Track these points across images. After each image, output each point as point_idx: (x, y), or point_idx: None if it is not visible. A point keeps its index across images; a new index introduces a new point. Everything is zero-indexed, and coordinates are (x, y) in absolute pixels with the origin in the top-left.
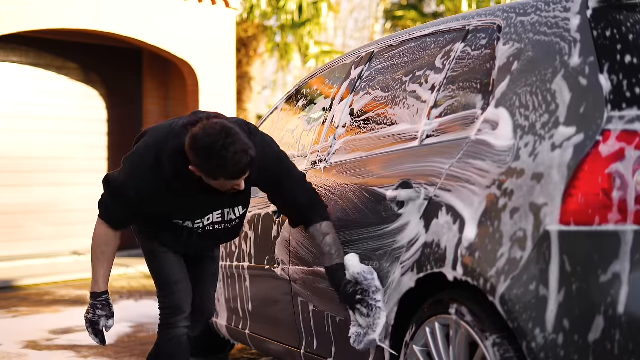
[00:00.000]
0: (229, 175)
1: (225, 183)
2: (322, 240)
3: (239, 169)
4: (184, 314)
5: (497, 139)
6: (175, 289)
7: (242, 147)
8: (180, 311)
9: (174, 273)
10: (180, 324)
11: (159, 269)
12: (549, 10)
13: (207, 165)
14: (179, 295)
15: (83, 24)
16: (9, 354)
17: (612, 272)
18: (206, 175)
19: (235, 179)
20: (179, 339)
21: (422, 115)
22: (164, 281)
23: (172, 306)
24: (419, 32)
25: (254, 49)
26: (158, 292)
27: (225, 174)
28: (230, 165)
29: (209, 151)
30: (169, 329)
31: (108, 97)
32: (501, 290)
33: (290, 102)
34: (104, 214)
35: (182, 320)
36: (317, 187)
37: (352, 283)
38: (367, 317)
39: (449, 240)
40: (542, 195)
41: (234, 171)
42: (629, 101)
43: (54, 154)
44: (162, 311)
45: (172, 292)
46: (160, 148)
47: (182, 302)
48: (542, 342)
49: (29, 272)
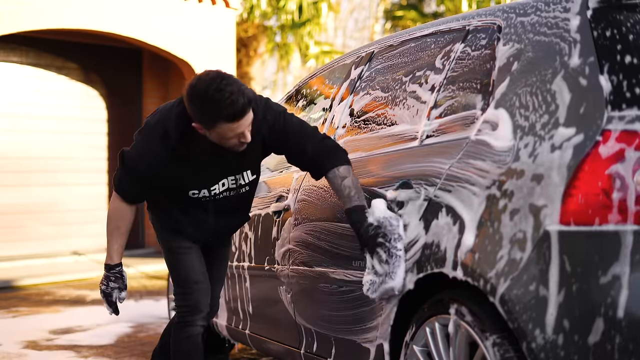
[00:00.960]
0: (227, 117)
1: (227, 131)
2: (340, 183)
3: (236, 110)
4: (202, 313)
5: (496, 139)
6: (195, 288)
7: (238, 88)
8: (198, 310)
9: (196, 272)
10: (197, 323)
11: (179, 266)
12: (548, 11)
13: (204, 111)
14: (197, 294)
15: (83, 24)
16: (9, 354)
17: (612, 272)
18: (206, 124)
19: (234, 120)
20: (196, 338)
21: (422, 115)
22: (185, 279)
23: (190, 305)
24: (419, 32)
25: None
26: (177, 289)
27: (222, 117)
28: (226, 106)
29: (204, 95)
30: (186, 327)
31: (108, 97)
32: (501, 291)
33: (290, 102)
34: (119, 188)
35: (200, 319)
36: (316, 187)
37: (373, 226)
38: (386, 264)
39: (449, 240)
40: (542, 195)
41: (231, 112)
42: (629, 101)
43: (54, 154)
44: (180, 309)
45: (191, 291)
46: (166, 118)
47: (202, 301)
48: (542, 343)
49: (29, 272)
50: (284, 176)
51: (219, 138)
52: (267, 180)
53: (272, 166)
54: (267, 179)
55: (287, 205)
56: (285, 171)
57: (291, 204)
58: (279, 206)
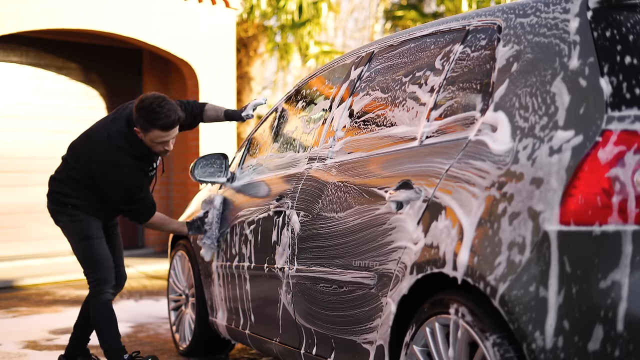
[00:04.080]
0: (161, 125)
1: (157, 137)
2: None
3: (169, 122)
4: (111, 284)
5: (495, 141)
6: (103, 267)
7: (173, 107)
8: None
9: (108, 255)
10: (109, 291)
11: (93, 251)
12: (548, 12)
13: (144, 117)
14: (108, 269)
15: (83, 24)
16: (9, 354)
17: (613, 273)
18: (143, 127)
19: (167, 129)
20: (110, 303)
21: (421, 116)
22: (97, 261)
23: (101, 278)
24: (419, 32)
25: (254, 49)
26: (88, 270)
27: (158, 124)
28: (163, 117)
29: (148, 107)
30: (99, 294)
31: (108, 97)
32: (501, 291)
33: (290, 102)
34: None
35: (110, 288)
36: (316, 188)
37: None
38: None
39: (449, 241)
40: (542, 195)
41: (166, 122)
42: (629, 102)
43: (54, 154)
44: (93, 283)
45: (103, 269)
46: (111, 140)
47: (111, 275)
48: (542, 344)
49: (29, 272)
50: (284, 176)
51: (150, 141)
52: (267, 180)
53: (272, 166)
54: (267, 179)
55: (287, 205)
56: (285, 171)
57: (291, 204)
58: (279, 206)
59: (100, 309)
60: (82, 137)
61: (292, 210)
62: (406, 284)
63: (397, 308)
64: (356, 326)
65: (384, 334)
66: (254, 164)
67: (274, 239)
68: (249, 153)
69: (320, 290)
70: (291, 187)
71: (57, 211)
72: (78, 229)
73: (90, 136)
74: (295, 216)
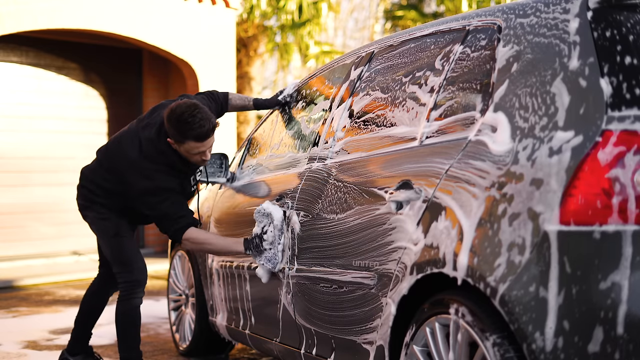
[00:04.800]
0: (195, 135)
1: (193, 147)
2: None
3: (204, 131)
4: (143, 286)
5: (495, 142)
6: (137, 267)
7: (206, 116)
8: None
9: (139, 254)
10: (140, 295)
11: (124, 249)
12: (548, 12)
13: (177, 128)
14: (141, 271)
15: (83, 24)
16: (9, 354)
17: (613, 273)
18: (177, 138)
19: (201, 140)
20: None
21: (421, 116)
22: (129, 260)
23: (133, 280)
24: (419, 32)
25: (254, 49)
26: (119, 269)
27: (192, 135)
28: (196, 127)
29: (180, 118)
30: (130, 299)
31: (108, 97)
32: (501, 291)
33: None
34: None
35: (141, 291)
36: (316, 188)
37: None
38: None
39: (449, 241)
40: (542, 196)
41: (200, 132)
42: (629, 102)
43: (54, 154)
44: (124, 285)
45: (136, 269)
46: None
47: (144, 278)
48: (542, 344)
49: (29, 272)
50: (284, 176)
51: (186, 152)
52: (267, 180)
53: (272, 167)
54: (267, 179)
55: (287, 205)
56: (286, 171)
57: (291, 204)
58: (279, 206)
59: (130, 314)
60: (113, 140)
61: (292, 210)
62: (406, 284)
63: (397, 308)
64: (356, 326)
65: (384, 334)
66: (254, 164)
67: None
68: (249, 153)
69: (320, 290)
70: (291, 187)
71: (85, 206)
72: (107, 226)
73: (120, 142)
74: (295, 216)
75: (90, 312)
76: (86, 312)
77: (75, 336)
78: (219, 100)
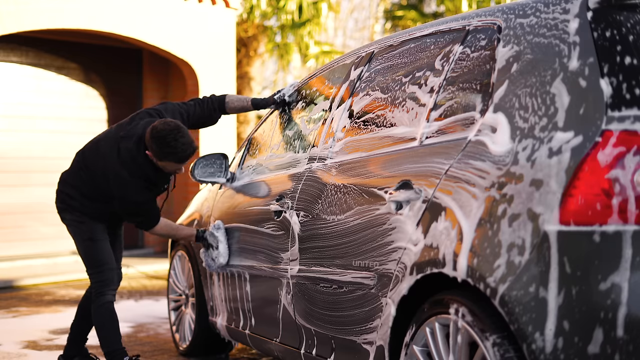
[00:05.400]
0: (176, 159)
1: (171, 166)
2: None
3: (185, 156)
4: (114, 285)
5: (495, 142)
6: (107, 267)
7: (188, 140)
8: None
9: (111, 255)
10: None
11: (96, 251)
12: (548, 12)
13: (159, 148)
14: (111, 271)
15: (83, 24)
16: (9, 354)
17: (613, 273)
18: (157, 157)
19: (182, 162)
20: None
21: (421, 116)
22: (101, 261)
23: (104, 279)
24: (419, 32)
25: (254, 49)
26: (90, 269)
27: (173, 158)
28: (179, 152)
29: (163, 139)
30: (101, 296)
31: (108, 97)
32: (501, 292)
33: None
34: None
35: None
36: (316, 188)
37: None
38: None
39: (449, 241)
40: (542, 196)
41: (182, 156)
42: (629, 102)
43: (54, 154)
44: (95, 284)
45: (106, 269)
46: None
47: (114, 277)
48: (542, 345)
49: (29, 272)
50: (284, 176)
51: (163, 166)
52: (267, 180)
53: (272, 166)
54: (267, 179)
55: (287, 205)
56: (285, 171)
57: (291, 204)
58: (279, 206)
59: (102, 310)
60: (91, 145)
61: (292, 210)
62: (406, 285)
63: (397, 308)
64: (356, 326)
65: (384, 334)
66: (254, 164)
67: (274, 238)
68: (249, 153)
69: (320, 290)
70: (291, 187)
71: (63, 209)
72: (82, 230)
73: (98, 147)
74: (295, 216)
75: (86, 316)
76: (82, 316)
77: (71, 339)
78: (211, 105)
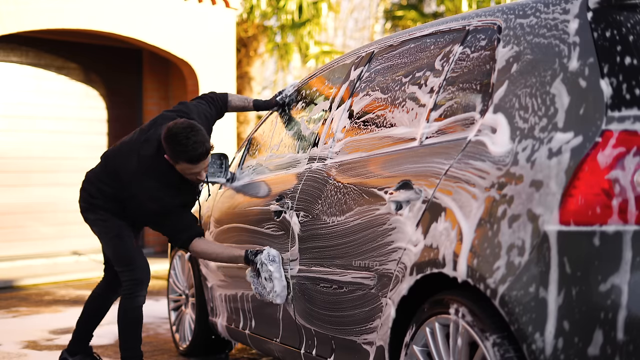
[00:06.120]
0: (188, 158)
1: (186, 168)
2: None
3: (196, 155)
4: (147, 285)
5: (495, 143)
6: (138, 266)
7: (201, 139)
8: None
9: (141, 253)
10: (143, 294)
11: (126, 249)
12: (548, 12)
13: (171, 148)
14: (143, 269)
15: (83, 24)
16: (9, 354)
17: (613, 273)
18: (171, 157)
19: (194, 162)
20: (141, 309)
21: (421, 116)
22: (132, 258)
23: (136, 278)
24: (419, 32)
25: (254, 49)
26: (121, 268)
27: (184, 157)
28: (190, 150)
29: (174, 138)
30: (133, 297)
31: (108, 97)
32: (502, 292)
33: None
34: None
35: (144, 290)
36: (316, 188)
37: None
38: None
39: (449, 241)
40: (542, 197)
41: (193, 156)
42: (629, 102)
43: (54, 154)
44: (127, 283)
45: (138, 267)
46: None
47: (147, 276)
48: (542, 345)
49: (29, 272)
50: (284, 176)
51: (181, 171)
52: (267, 180)
53: (272, 166)
54: (267, 179)
55: (287, 205)
56: (285, 172)
57: (291, 204)
58: (279, 206)
59: (130, 314)
60: (114, 149)
61: (292, 210)
62: (406, 285)
63: (397, 308)
64: (356, 326)
65: (384, 334)
66: (254, 164)
67: (274, 238)
68: (249, 153)
69: (320, 290)
70: (291, 187)
71: (86, 209)
72: (108, 228)
73: (120, 151)
74: (295, 217)
75: (92, 314)
76: (89, 314)
77: (76, 337)
78: (219, 103)
